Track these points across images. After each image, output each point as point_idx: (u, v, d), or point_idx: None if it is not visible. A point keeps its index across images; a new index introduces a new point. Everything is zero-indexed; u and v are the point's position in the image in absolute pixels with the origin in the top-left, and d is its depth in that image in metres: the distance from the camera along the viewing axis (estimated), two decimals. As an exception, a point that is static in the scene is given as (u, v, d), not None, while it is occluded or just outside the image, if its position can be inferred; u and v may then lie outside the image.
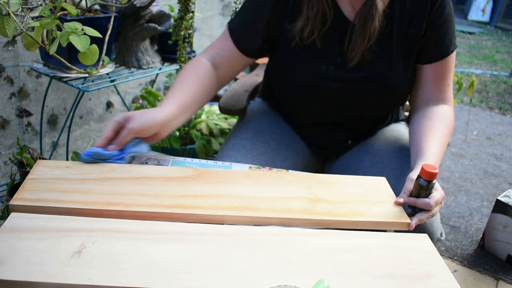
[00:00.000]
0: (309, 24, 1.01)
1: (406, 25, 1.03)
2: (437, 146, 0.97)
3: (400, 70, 1.05)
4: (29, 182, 0.80)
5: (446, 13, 1.04)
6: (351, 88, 1.05)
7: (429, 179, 0.82)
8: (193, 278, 0.63)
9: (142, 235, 0.70)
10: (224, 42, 1.10)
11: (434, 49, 1.06)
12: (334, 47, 1.04)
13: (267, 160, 1.07)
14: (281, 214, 0.79)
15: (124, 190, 0.81)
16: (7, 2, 0.94)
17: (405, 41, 1.04)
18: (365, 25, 1.00)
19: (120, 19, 1.41)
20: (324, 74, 1.04)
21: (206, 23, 2.53)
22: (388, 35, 1.03)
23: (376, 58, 1.03)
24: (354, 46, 1.02)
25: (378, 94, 1.07)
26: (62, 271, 0.61)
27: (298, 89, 1.09)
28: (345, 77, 1.04)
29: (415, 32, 1.03)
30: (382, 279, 0.66)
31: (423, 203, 0.83)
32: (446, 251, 1.79)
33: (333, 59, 1.04)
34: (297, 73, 1.06)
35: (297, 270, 0.66)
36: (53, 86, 1.64)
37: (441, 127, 1.02)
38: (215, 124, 1.76)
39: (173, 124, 0.96)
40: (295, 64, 1.06)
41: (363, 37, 1.01)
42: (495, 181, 2.40)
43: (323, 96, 1.08)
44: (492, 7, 6.86)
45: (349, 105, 1.09)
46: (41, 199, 0.76)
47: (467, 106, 3.45)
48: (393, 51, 1.04)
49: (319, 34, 1.02)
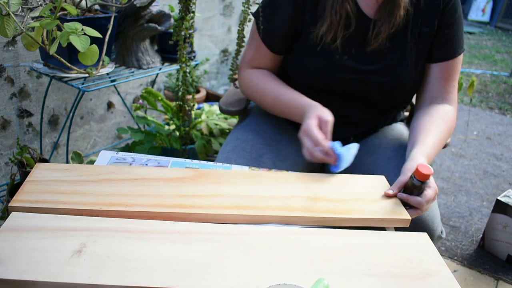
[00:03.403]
0: (332, 30, 1.04)
1: (419, 23, 1.06)
2: (433, 138, 0.98)
3: (411, 67, 1.08)
4: (28, 184, 0.80)
5: (457, 15, 1.08)
6: (362, 79, 1.07)
7: (423, 180, 0.82)
8: (193, 277, 0.63)
9: (142, 234, 0.70)
10: (259, 50, 1.15)
11: (443, 48, 1.08)
12: (351, 41, 1.06)
13: (267, 162, 1.07)
14: (281, 212, 0.80)
15: (124, 191, 0.81)
16: (7, 2, 0.94)
17: (418, 38, 1.07)
18: (392, 12, 1.03)
19: (120, 19, 1.42)
20: (338, 63, 1.06)
21: (207, 23, 2.53)
22: (402, 31, 1.06)
23: (390, 53, 1.06)
24: (378, 32, 1.04)
25: (388, 88, 1.09)
26: (62, 270, 0.61)
27: (311, 76, 1.10)
28: (357, 68, 1.06)
29: (427, 31, 1.06)
30: (382, 278, 0.66)
31: (415, 202, 0.84)
32: (446, 251, 1.79)
33: (348, 51, 1.06)
34: (311, 61, 1.09)
35: (296, 269, 0.66)
36: (54, 86, 1.64)
37: (441, 123, 1.04)
38: (215, 124, 1.76)
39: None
40: (310, 54, 1.09)
41: (389, 22, 1.03)
42: (495, 181, 2.40)
43: (335, 86, 1.09)
44: (492, 7, 6.86)
45: (358, 98, 1.11)
46: (40, 200, 0.76)
47: (467, 106, 3.45)
48: (406, 48, 1.06)
49: (341, 38, 1.05)
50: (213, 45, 2.65)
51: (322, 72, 1.08)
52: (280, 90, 1.10)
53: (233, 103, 1.30)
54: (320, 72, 1.08)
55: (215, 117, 1.82)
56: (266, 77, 1.14)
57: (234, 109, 1.28)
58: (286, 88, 1.10)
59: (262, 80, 1.14)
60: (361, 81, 1.08)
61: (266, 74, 1.15)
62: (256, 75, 1.15)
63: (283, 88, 1.10)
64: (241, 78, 1.19)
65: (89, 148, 1.94)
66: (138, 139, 1.60)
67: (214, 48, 2.68)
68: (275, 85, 1.11)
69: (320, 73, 1.08)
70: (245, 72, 1.18)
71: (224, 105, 1.30)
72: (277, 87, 1.10)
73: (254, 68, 1.17)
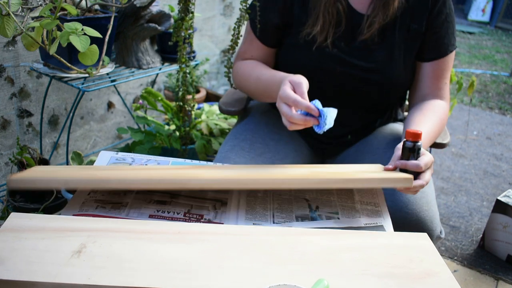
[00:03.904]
0: (325, 30, 1.05)
1: (408, 19, 1.06)
2: (425, 128, 0.99)
3: (400, 64, 1.08)
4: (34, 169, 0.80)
5: (446, 13, 1.07)
6: (352, 74, 1.08)
7: (414, 139, 0.83)
8: (193, 277, 0.63)
9: (142, 234, 0.70)
10: (251, 43, 1.16)
11: (433, 47, 1.09)
12: (341, 36, 1.07)
13: (266, 161, 1.07)
14: (284, 177, 0.82)
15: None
16: (7, 2, 0.94)
17: (407, 35, 1.07)
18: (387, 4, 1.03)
19: (120, 19, 1.41)
20: (328, 54, 1.07)
21: (207, 23, 2.53)
22: (391, 27, 1.06)
23: (378, 49, 1.07)
24: (371, 23, 1.05)
25: (377, 85, 1.10)
26: (62, 270, 0.61)
27: (301, 70, 1.10)
28: (347, 61, 1.07)
29: (416, 27, 1.07)
30: (382, 278, 0.66)
31: (413, 165, 0.84)
32: (446, 251, 1.79)
33: (338, 44, 1.07)
34: (302, 55, 1.09)
35: (296, 270, 0.66)
36: (54, 87, 1.64)
37: (432, 116, 1.05)
38: (215, 124, 1.76)
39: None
40: (300, 48, 1.09)
41: (383, 13, 1.04)
42: (495, 181, 2.40)
43: (325, 80, 1.09)
44: (492, 7, 6.85)
45: (350, 94, 1.11)
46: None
47: (467, 106, 3.45)
48: (395, 45, 1.07)
49: (332, 37, 1.06)
50: (213, 45, 2.66)
51: (312, 65, 1.08)
52: (262, 70, 1.09)
53: (233, 103, 1.30)
54: (310, 65, 1.09)
55: (215, 117, 1.82)
56: (253, 64, 1.14)
57: (234, 109, 1.28)
58: (268, 69, 1.09)
59: (248, 66, 1.14)
60: (351, 75, 1.08)
61: (254, 62, 1.15)
62: (244, 63, 1.16)
63: (265, 69, 1.10)
64: (233, 70, 1.21)
65: (89, 148, 1.94)
66: (138, 139, 1.60)
67: (214, 48, 2.68)
68: (259, 69, 1.11)
69: (310, 66, 1.09)
70: (236, 64, 1.19)
71: (224, 105, 1.30)
72: (260, 69, 1.10)
73: (246, 60, 1.17)
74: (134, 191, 0.84)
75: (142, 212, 0.79)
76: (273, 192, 0.89)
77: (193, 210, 0.81)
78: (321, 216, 0.83)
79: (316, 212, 0.84)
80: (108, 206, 0.79)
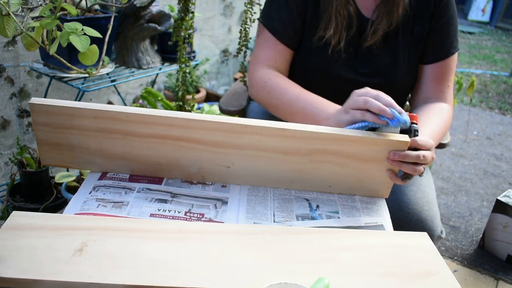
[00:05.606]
0: (338, 33, 1.04)
1: (411, 23, 1.06)
2: (427, 130, 0.96)
3: (404, 68, 1.07)
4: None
5: (449, 15, 1.06)
6: (356, 79, 1.07)
7: (411, 120, 0.81)
8: (193, 276, 0.63)
9: (143, 233, 0.71)
10: (275, 48, 1.11)
11: (435, 49, 1.08)
12: (350, 41, 1.07)
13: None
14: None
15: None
16: (7, 2, 0.94)
17: (410, 38, 1.06)
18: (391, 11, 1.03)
19: (120, 19, 1.42)
20: (333, 59, 1.06)
21: (208, 23, 2.53)
22: (395, 32, 1.06)
23: (382, 54, 1.06)
24: (375, 29, 1.04)
25: (381, 90, 1.08)
26: (63, 269, 0.61)
27: (307, 72, 1.11)
28: (352, 67, 1.07)
29: (420, 30, 1.06)
30: (382, 277, 0.66)
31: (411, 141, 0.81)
32: (446, 251, 1.79)
33: (347, 49, 1.06)
34: (308, 57, 1.09)
35: (297, 268, 0.66)
36: (54, 87, 1.64)
37: (435, 118, 1.02)
38: (215, 124, 1.76)
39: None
40: (309, 53, 1.09)
41: (388, 20, 1.03)
42: (495, 181, 2.40)
43: (330, 83, 1.09)
44: (492, 7, 6.86)
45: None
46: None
47: (467, 106, 3.45)
48: (399, 49, 1.06)
49: (345, 39, 1.05)
50: (213, 45, 2.66)
51: (322, 70, 1.08)
52: (304, 90, 1.06)
53: (233, 103, 1.31)
54: (319, 70, 1.08)
55: (215, 117, 1.82)
56: (286, 79, 1.10)
57: (234, 109, 1.28)
58: (309, 92, 1.06)
59: (283, 80, 1.09)
60: (355, 81, 1.07)
61: (285, 77, 1.11)
62: (276, 75, 1.10)
63: (305, 90, 1.06)
64: (255, 78, 1.12)
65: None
66: (138, 139, 1.59)
67: (215, 48, 2.68)
68: (296, 86, 1.07)
69: (319, 71, 1.08)
70: (262, 71, 1.11)
71: (224, 105, 1.30)
72: (300, 88, 1.06)
73: (270, 67, 1.12)
74: (135, 189, 0.84)
75: (143, 211, 0.79)
76: (273, 191, 0.89)
77: (194, 209, 0.81)
78: (322, 215, 0.83)
79: (316, 211, 0.84)
80: (109, 205, 0.79)
